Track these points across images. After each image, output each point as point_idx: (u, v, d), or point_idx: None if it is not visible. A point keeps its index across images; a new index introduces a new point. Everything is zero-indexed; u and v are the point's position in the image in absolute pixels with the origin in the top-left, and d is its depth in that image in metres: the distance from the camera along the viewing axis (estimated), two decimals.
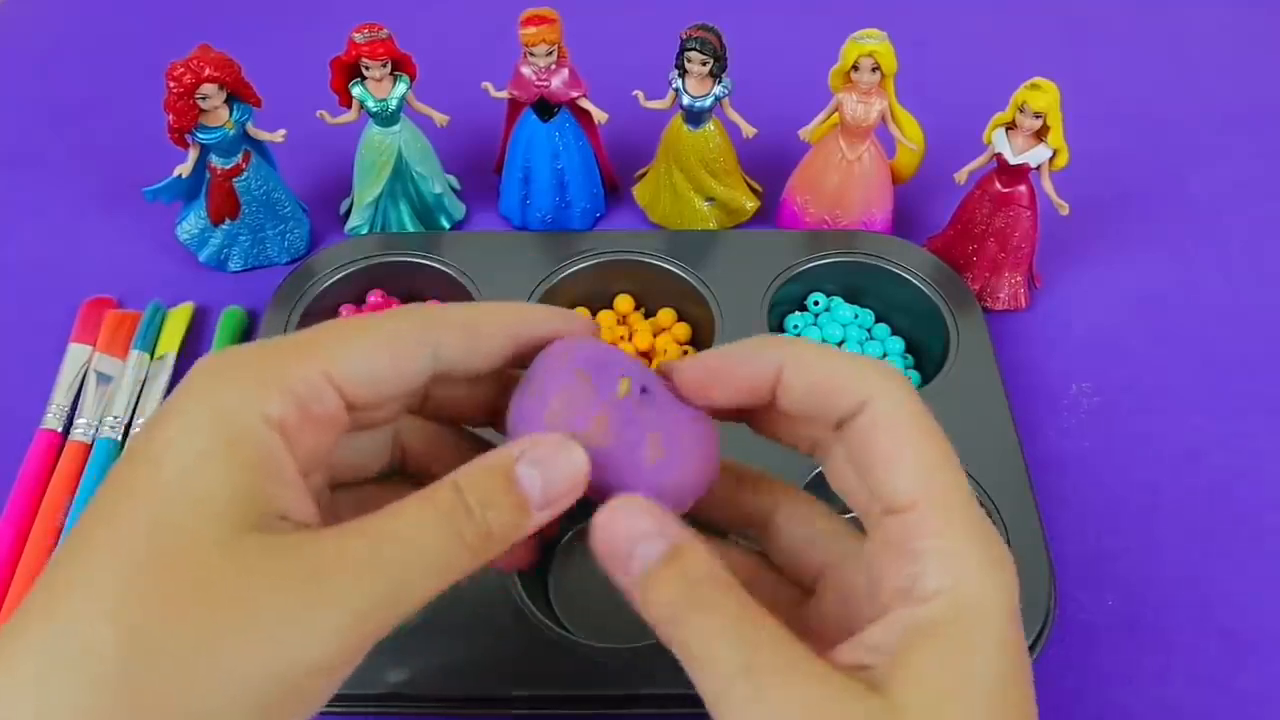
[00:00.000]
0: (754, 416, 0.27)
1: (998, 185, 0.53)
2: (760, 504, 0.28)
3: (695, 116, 0.55)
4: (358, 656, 0.21)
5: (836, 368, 0.24)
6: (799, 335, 0.53)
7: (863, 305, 0.55)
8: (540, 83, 0.54)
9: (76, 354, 0.52)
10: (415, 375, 0.24)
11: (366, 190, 0.57)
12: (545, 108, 0.55)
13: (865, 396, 0.24)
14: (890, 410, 0.23)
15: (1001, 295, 0.55)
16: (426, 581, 0.22)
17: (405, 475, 0.29)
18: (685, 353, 0.53)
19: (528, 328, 0.26)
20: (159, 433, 0.21)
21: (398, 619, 0.22)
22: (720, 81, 0.53)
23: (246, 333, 0.54)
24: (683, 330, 0.54)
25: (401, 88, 0.54)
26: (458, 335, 0.25)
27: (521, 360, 0.26)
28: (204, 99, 0.50)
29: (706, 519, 0.28)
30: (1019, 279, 0.55)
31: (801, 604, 0.27)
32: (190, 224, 0.56)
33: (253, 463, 0.21)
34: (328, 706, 0.42)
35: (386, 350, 0.24)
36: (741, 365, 0.25)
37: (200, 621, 0.19)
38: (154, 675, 0.19)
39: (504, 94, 0.56)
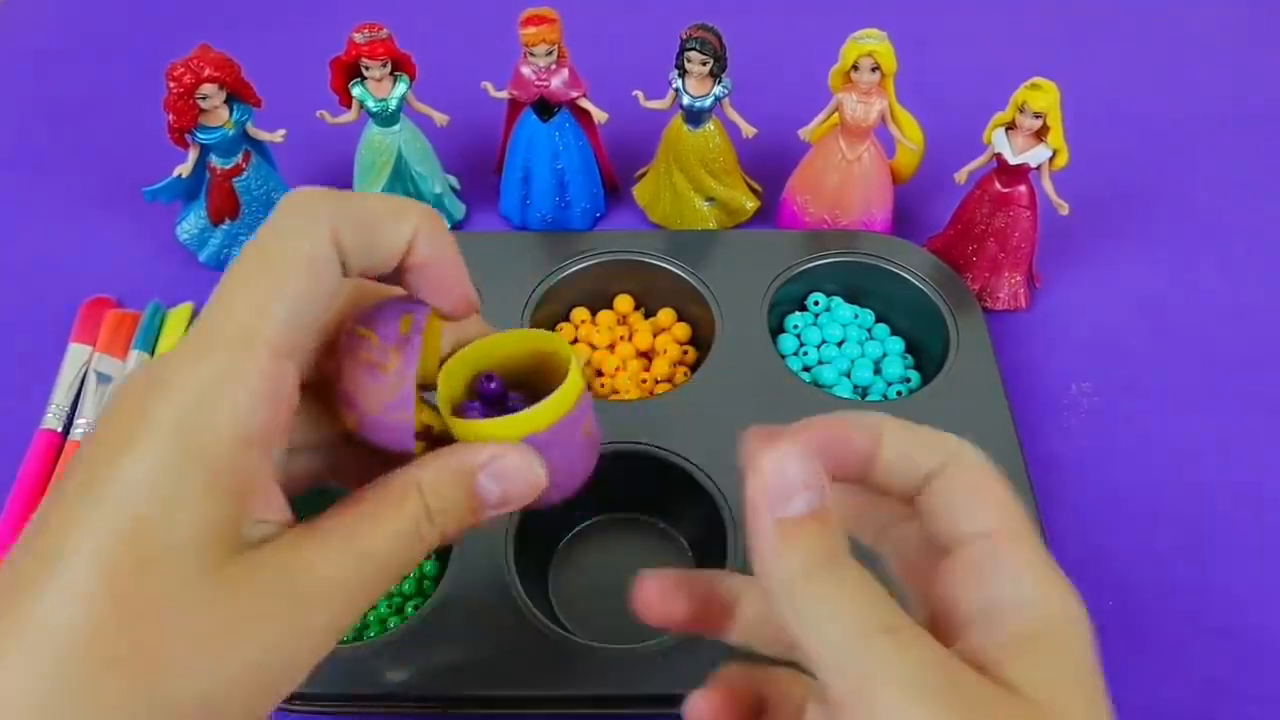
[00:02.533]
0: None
1: (998, 185, 0.53)
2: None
3: (695, 116, 0.55)
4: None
5: (921, 435, 0.27)
6: (797, 334, 0.53)
7: (863, 305, 0.55)
8: (540, 83, 0.54)
9: (76, 354, 0.52)
10: (332, 277, 0.24)
11: (366, 190, 0.57)
12: (545, 108, 0.55)
13: (952, 452, 0.26)
14: (974, 459, 0.26)
15: (1001, 295, 0.55)
16: (391, 583, 0.24)
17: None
18: (685, 353, 0.53)
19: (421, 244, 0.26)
20: (131, 461, 0.21)
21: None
22: (720, 81, 0.53)
23: None
24: (683, 330, 0.54)
25: (401, 88, 0.54)
26: (352, 221, 0.25)
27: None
28: (204, 99, 0.50)
29: None
30: (1019, 279, 0.55)
31: None
32: (190, 224, 0.56)
33: (229, 488, 0.22)
34: (329, 706, 0.42)
35: (300, 283, 0.24)
36: (851, 431, 0.26)
37: (180, 641, 0.20)
38: (125, 669, 0.20)
39: (504, 94, 0.56)
